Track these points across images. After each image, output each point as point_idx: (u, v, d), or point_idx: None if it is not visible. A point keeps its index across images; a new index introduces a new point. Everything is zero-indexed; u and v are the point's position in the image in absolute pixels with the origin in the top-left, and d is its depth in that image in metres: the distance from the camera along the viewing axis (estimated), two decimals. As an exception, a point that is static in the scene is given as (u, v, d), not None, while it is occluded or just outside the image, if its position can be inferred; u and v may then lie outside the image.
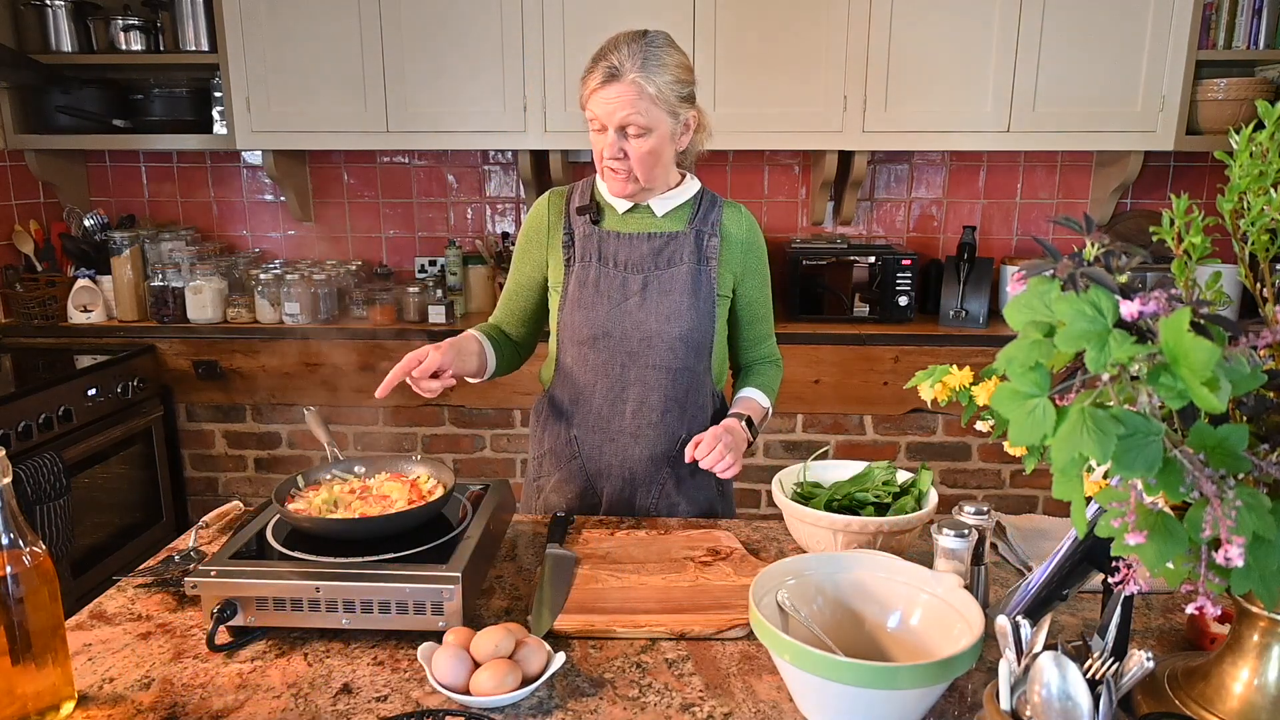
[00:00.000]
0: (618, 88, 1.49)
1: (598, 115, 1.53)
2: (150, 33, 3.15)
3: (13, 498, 0.99)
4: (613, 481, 1.69)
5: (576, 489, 1.70)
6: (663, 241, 1.63)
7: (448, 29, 2.95)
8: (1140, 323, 0.73)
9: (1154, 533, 0.74)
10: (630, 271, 1.62)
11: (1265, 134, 0.85)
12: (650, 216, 1.65)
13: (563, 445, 1.71)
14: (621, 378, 1.64)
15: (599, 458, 1.68)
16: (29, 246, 3.24)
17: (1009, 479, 3.09)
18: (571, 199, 1.70)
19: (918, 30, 2.87)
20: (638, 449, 1.66)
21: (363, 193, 3.47)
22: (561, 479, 1.71)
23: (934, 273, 3.21)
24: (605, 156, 1.55)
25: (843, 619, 1.11)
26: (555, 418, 1.73)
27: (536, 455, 1.78)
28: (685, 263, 1.63)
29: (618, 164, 1.55)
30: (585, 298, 1.63)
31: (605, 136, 1.54)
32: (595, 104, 1.52)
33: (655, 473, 1.68)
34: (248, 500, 3.09)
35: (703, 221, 1.65)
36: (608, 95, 1.50)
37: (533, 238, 1.71)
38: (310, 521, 1.26)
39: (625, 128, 1.51)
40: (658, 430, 1.66)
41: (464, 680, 1.03)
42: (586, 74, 1.54)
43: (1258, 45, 2.93)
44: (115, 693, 1.07)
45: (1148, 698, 1.00)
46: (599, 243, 1.64)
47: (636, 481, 1.68)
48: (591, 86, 1.52)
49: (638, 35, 1.53)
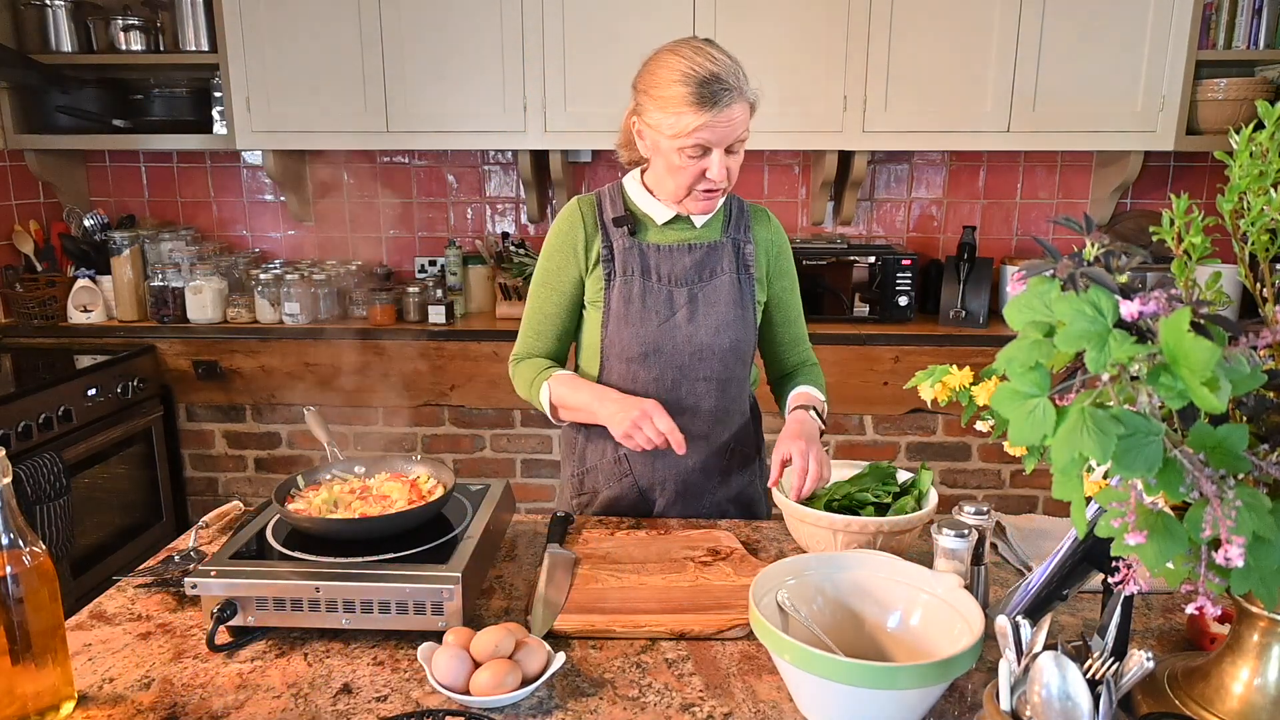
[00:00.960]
0: (740, 106, 1.43)
1: (710, 141, 1.43)
2: (150, 33, 3.15)
3: (13, 498, 0.99)
4: (666, 495, 1.67)
5: (629, 503, 1.68)
6: (703, 252, 1.60)
7: (448, 29, 2.95)
8: (1140, 323, 0.73)
9: (1154, 533, 0.74)
10: (675, 285, 1.59)
11: (1265, 134, 0.85)
12: (689, 227, 1.61)
13: (610, 464, 1.67)
14: (673, 392, 1.60)
15: (651, 474, 1.65)
16: (29, 246, 3.24)
17: (1009, 479, 3.09)
18: (603, 208, 1.63)
19: (918, 30, 2.87)
20: (690, 460, 1.64)
21: (363, 193, 3.47)
22: (612, 495, 1.68)
23: (934, 273, 3.21)
24: (711, 178, 1.47)
25: (843, 619, 1.11)
26: (598, 435, 1.66)
27: (577, 472, 1.72)
28: (727, 273, 1.60)
29: (722, 183, 1.49)
30: (632, 314, 1.58)
31: (708, 160, 1.45)
32: (712, 131, 1.41)
33: (706, 481, 1.67)
34: (248, 500, 3.09)
35: (736, 229, 1.63)
36: (731, 117, 1.42)
37: (568, 252, 1.62)
38: (310, 521, 1.26)
39: (732, 144, 1.46)
40: (709, 440, 1.65)
41: (464, 680, 1.03)
42: (682, 97, 1.40)
43: (1258, 45, 2.93)
44: (115, 693, 1.07)
45: (1148, 698, 1.00)
46: (640, 256, 1.59)
47: (689, 493, 1.67)
48: (702, 114, 1.40)
49: (707, 42, 1.46)
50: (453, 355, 3.04)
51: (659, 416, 1.46)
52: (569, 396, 1.59)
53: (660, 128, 1.46)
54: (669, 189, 1.55)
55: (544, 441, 3.13)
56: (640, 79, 1.50)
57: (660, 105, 1.44)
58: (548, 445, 3.13)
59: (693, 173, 1.48)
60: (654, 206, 1.60)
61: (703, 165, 1.47)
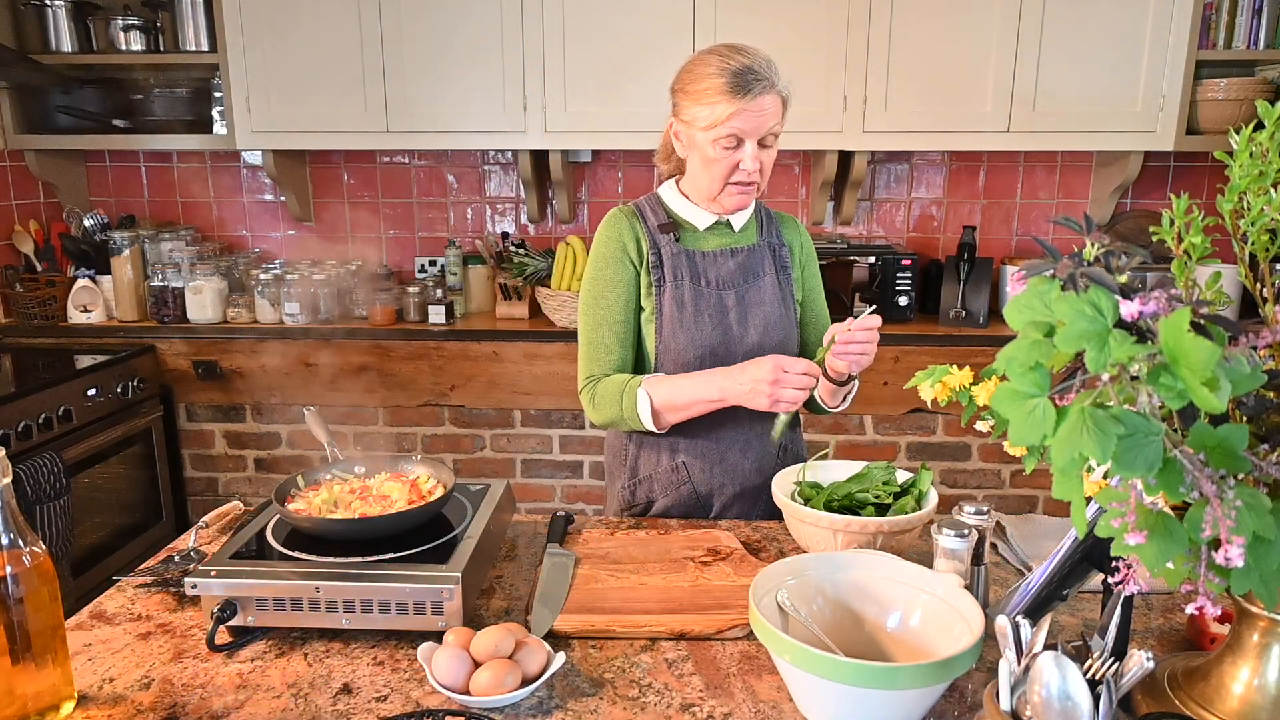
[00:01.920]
0: (771, 98, 1.47)
1: (743, 130, 1.47)
2: (150, 33, 3.15)
3: (13, 498, 0.99)
4: (723, 499, 1.68)
5: (684, 510, 1.68)
6: (745, 255, 1.64)
7: (448, 29, 2.95)
8: (1140, 323, 0.73)
9: (1154, 533, 0.74)
10: (723, 288, 1.62)
11: (1265, 134, 0.85)
12: (728, 232, 1.65)
13: (667, 472, 1.67)
14: None
15: (709, 479, 1.66)
16: (29, 246, 3.25)
17: (1009, 479, 3.09)
18: (645, 217, 1.64)
19: (918, 30, 2.87)
20: (746, 463, 1.66)
21: (363, 193, 3.48)
22: (668, 504, 1.68)
23: (934, 273, 3.21)
24: (744, 170, 1.50)
25: (843, 619, 1.11)
26: (652, 444, 1.67)
27: (628, 484, 1.71)
28: (768, 274, 1.65)
29: (755, 175, 1.52)
30: (686, 319, 1.59)
31: (742, 152, 1.49)
32: (745, 119, 1.46)
33: (763, 482, 1.66)
34: (248, 500, 3.09)
35: (769, 233, 1.68)
36: (763, 107, 1.46)
37: (621, 256, 1.61)
38: (310, 521, 1.26)
39: (765, 137, 1.49)
40: (762, 440, 1.66)
41: (464, 680, 1.03)
42: (717, 87, 1.45)
43: (1258, 45, 2.93)
44: (115, 693, 1.07)
45: (1148, 698, 1.00)
46: (688, 261, 1.61)
47: (746, 495, 1.68)
48: (735, 102, 1.44)
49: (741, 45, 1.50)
50: (453, 355, 3.04)
51: (788, 363, 1.44)
52: (673, 393, 1.54)
53: (696, 121, 1.50)
54: (704, 186, 1.58)
55: (544, 441, 3.13)
56: (677, 80, 1.56)
57: (695, 99, 1.49)
58: (548, 445, 3.13)
59: (727, 165, 1.51)
60: (694, 212, 1.64)
61: (736, 158, 1.51)
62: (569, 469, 3.16)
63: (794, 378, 1.44)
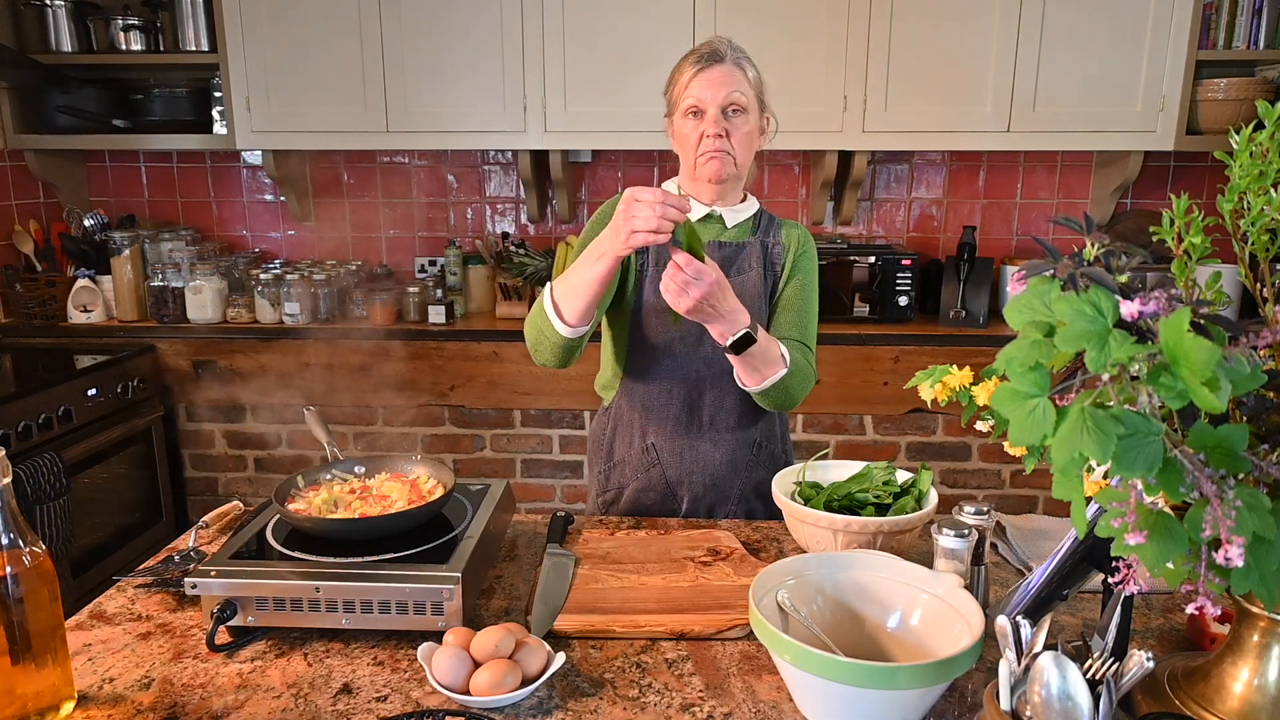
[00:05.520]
0: (721, 69, 1.55)
1: (700, 98, 1.55)
2: (150, 33, 3.15)
3: (13, 498, 0.99)
4: (694, 488, 1.69)
5: (656, 497, 1.70)
6: (733, 250, 1.66)
7: (447, 29, 2.95)
8: (1140, 323, 0.73)
9: (1154, 533, 0.74)
10: None
11: (1265, 134, 0.85)
12: (721, 226, 1.67)
13: (637, 454, 1.70)
14: (699, 384, 1.65)
15: (679, 464, 1.68)
16: (29, 246, 3.24)
17: (1009, 479, 3.09)
18: None
19: (918, 30, 2.87)
20: (718, 454, 1.68)
21: (363, 193, 3.48)
22: (639, 488, 1.71)
23: (934, 273, 3.21)
24: (708, 135, 1.55)
25: (843, 619, 1.11)
26: (626, 427, 1.72)
27: (603, 469, 1.75)
28: (754, 269, 1.66)
29: (721, 141, 1.55)
30: (662, 304, 1.58)
31: (703, 120, 1.55)
32: (697, 86, 1.55)
33: (734, 475, 1.68)
34: (248, 500, 3.09)
35: (765, 233, 1.69)
36: (712, 76, 1.54)
37: None
38: (310, 521, 1.26)
39: (727, 108, 1.55)
40: (735, 434, 1.68)
41: (464, 680, 1.03)
42: (681, 68, 1.59)
43: (1258, 45, 2.93)
44: (115, 693, 1.07)
45: (1148, 698, 1.00)
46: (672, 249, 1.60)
47: (717, 486, 1.69)
48: (691, 72, 1.56)
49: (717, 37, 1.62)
50: (453, 355, 3.04)
51: (640, 192, 1.35)
52: (565, 276, 1.48)
53: (675, 108, 1.61)
54: (687, 166, 1.63)
55: (544, 441, 3.13)
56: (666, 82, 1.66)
57: (671, 85, 1.62)
58: (547, 445, 3.13)
59: (696, 134, 1.57)
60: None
61: (703, 127, 1.56)
62: (569, 469, 3.16)
63: (643, 206, 1.33)
